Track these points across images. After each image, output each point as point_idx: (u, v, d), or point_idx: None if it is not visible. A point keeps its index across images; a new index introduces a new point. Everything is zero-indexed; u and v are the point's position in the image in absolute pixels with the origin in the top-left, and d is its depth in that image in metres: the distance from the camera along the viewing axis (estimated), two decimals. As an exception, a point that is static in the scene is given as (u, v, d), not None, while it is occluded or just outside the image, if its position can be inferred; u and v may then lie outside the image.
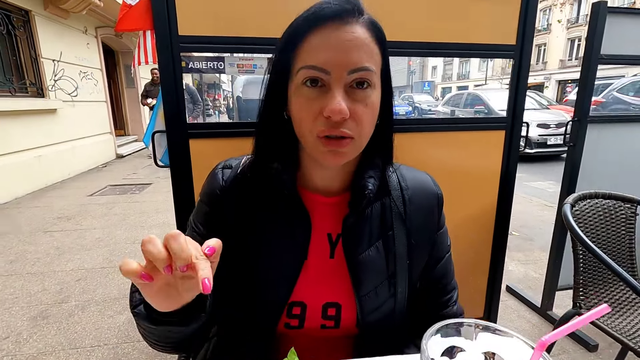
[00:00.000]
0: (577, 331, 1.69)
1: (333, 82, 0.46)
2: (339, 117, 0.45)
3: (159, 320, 0.44)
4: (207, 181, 0.61)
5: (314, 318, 0.56)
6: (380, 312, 0.56)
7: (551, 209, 3.71)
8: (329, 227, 0.58)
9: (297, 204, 0.56)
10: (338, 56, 0.45)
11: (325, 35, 0.46)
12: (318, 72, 0.46)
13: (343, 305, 0.56)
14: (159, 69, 1.04)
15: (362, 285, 0.55)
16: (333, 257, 0.57)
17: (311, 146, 0.50)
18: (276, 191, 0.55)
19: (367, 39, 0.47)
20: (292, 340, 0.58)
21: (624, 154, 1.74)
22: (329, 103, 0.45)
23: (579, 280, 1.23)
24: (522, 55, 1.27)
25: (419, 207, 0.60)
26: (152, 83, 6.04)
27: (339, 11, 0.46)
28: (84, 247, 2.79)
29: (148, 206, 3.85)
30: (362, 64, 0.46)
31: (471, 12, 1.21)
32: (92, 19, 6.12)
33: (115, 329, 1.79)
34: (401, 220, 0.58)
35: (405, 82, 40.02)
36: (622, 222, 1.30)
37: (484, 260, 1.49)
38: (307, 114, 0.48)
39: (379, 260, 0.57)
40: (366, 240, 0.56)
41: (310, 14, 0.47)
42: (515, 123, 1.33)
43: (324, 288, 0.57)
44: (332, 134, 0.47)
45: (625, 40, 1.53)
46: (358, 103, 0.47)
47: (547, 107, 8.07)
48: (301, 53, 0.47)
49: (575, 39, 22.44)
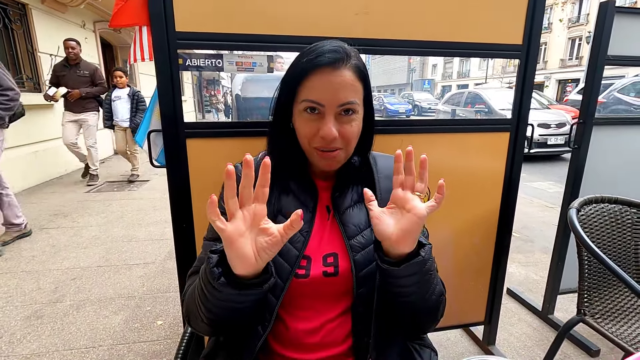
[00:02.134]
0: (579, 336, 1.67)
1: (327, 112, 0.64)
2: (331, 138, 0.63)
3: (241, 284, 0.54)
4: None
5: (317, 267, 0.69)
6: (368, 253, 0.69)
7: (552, 210, 3.69)
8: (327, 201, 0.75)
9: (308, 182, 0.74)
10: (330, 94, 0.63)
11: (321, 78, 0.63)
12: (316, 104, 0.63)
13: (339, 253, 0.70)
14: (155, 67, 1.00)
15: (349, 231, 0.70)
16: (329, 220, 0.74)
17: (309, 154, 0.69)
18: (291, 172, 0.73)
19: (352, 79, 0.64)
20: (298, 299, 0.69)
21: (629, 157, 1.71)
22: (323, 128, 0.63)
23: (583, 286, 1.20)
24: (528, 56, 1.24)
25: (386, 175, 0.76)
26: (65, 64, 4.26)
27: (332, 61, 0.62)
28: (80, 245, 2.76)
29: (146, 203, 3.82)
30: (348, 99, 0.64)
31: (476, 11, 1.17)
32: (90, 13, 6.05)
33: (110, 330, 1.77)
34: (372, 189, 0.71)
35: (405, 80, 39.96)
36: (628, 227, 1.27)
37: (485, 263, 1.46)
38: (307, 132, 0.66)
39: (361, 214, 0.73)
40: (349, 201, 0.74)
41: (312, 58, 0.63)
42: (520, 125, 1.31)
43: (323, 244, 0.71)
44: (325, 149, 0.65)
45: (633, 40, 1.50)
46: (345, 125, 0.65)
47: (547, 107, 8.03)
48: (304, 88, 0.64)
49: (576, 38, 22.40)
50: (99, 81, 4.49)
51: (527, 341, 1.72)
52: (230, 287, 0.54)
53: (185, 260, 1.14)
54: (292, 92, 0.66)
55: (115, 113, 4.66)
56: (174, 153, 1.06)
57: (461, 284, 1.46)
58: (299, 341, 0.69)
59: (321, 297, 0.70)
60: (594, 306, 1.21)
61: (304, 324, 0.69)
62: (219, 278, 0.54)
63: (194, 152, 1.07)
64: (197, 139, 1.07)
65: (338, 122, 0.64)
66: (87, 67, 4.39)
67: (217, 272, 0.54)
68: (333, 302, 0.70)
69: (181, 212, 1.10)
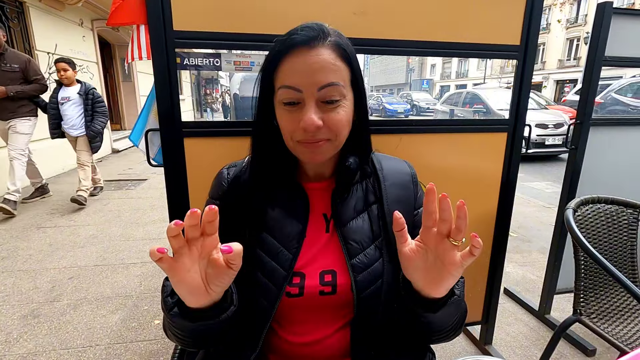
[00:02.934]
0: (575, 335, 1.68)
1: (306, 98, 0.56)
2: (312, 128, 0.55)
3: (193, 317, 0.51)
4: (215, 179, 0.71)
5: (312, 285, 0.63)
6: (370, 274, 0.63)
7: (549, 210, 3.70)
8: (324, 208, 0.68)
9: (297, 189, 0.66)
10: (307, 77, 0.55)
11: (296, 59, 0.56)
12: (293, 90, 0.56)
13: (338, 271, 0.64)
14: (153, 66, 1.00)
15: (351, 250, 0.64)
16: (328, 232, 0.66)
17: (293, 149, 0.61)
18: (278, 180, 0.66)
19: (332, 58, 0.56)
20: (295, 313, 0.65)
21: (626, 158, 1.72)
22: (303, 118, 0.55)
23: (579, 286, 1.21)
24: (526, 56, 1.24)
25: (393, 183, 0.69)
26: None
27: (306, 38, 0.56)
28: (77, 244, 2.75)
29: (143, 202, 3.81)
30: (328, 80, 0.55)
31: (474, 11, 1.17)
32: (88, 11, 6.03)
33: (107, 329, 1.76)
34: (379, 198, 0.68)
35: (404, 80, 40.01)
36: (624, 227, 1.28)
37: (483, 264, 1.47)
38: (288, 125, 0.59)
39: (364, 227, 0.66)
40: (352, 211, 0.66)
41: (284, 40, 0.57)
42: (518, 125, 1.31)
43: (321, 259, 0.65)
44: (310, 141, 0.58)
45: (630, 41, 1.50)
46: (330, 112, 0.57)
47: (545, 107, 8.06)
48: (279, 74, 0.58)
49: (574, 39, 22.47)
50: (35, 77, 3.39)
51: (524, 341, 1.73)
52: (183, 319, 0.51)
53: (183, 259, 1.14)
54: (269, 82, 0.59)
55: (64, 119, 3.63)
56: (172, 152, 1.06)
57: (458, 283, 1.46)
58: (295, 354, 0.66)
59: (318, 312, 0.65)
60: (590, 306, 1.22)
61: (300, 338, 0.66)
62: (172, 308, 0.51)
63: (192, 151, 1.07)
64: (194, 138, 1.07)
65: (321, 110, 0.56)
66: (16, 58, 3.29)
67: (170, 302, 0.51)
68: (331, 316, 0.66)
69: (178, 212, 1.10)
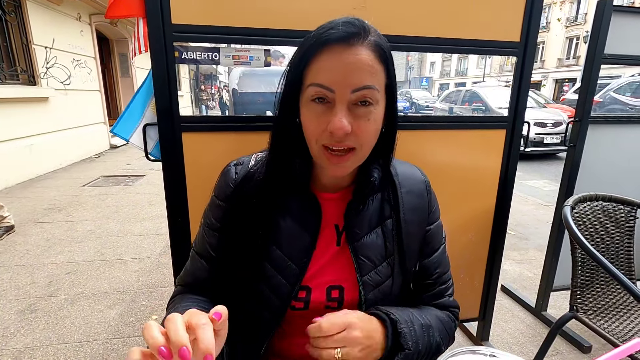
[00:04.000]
0: (571, 332, 1.69)
1: (337, 100, 0.51)
2: (341, 133, 0.50)
3: None
4: (221, 177, 0.66)
5: (319, 300, 0.61)
6: (380, 292, 0.61)
7: (547, 208, 3.71)
8: (336, 219, 0.64)
9: (310, 199, 0.62)
10: (342, 76, 0.50)
11: (332, 57, 0.51)
12: (324, 89, 0.51)
13: (346, 287, 0.61)
14: (151, 59, 0.99)
15: (363, 267, 0.61)
16: (339, 245, 0.63)
17: (316, 154, 0.56)
18: (290, 187, 0.61)
19: (370, 60, 0.51)
20: (298, 321, 0.61)
21: (624, 156, 1.72)
22: (333, 120, 0.51)
23: (576, 282, 1.21)
24: (525, 53, 1.24)
25: (409, 190, 0.66)
26: None
27: (345, 35, 0.50)
28: (74, 239, 2.75)
29: (141, 198, 3.80)
30: (364, 83, 0.51)
31: (475, 7, 1.17)
32: (86, 6, 5.98)
33: (105, 324, 1.76)
34: (395, 205, 0.65)
35: (403, 78, 39.92)
36: (622, 224, 1.29)
37: (480, 260, 1.47)
38: (314, 126, 0.53)
39: (378, 244, 0.62)
40: (366, 226, 0.62)
41: (320, 34, 0.52)
42: (516, 122, 1.31)
43: (329, 273, 0.62)
44: (335, 147, 0.53)
45: (630, 39, 1.50)
46: (360, 119, 0.52)
47: (544, 106, 8.06)
48: (311, 70, 0.52)
49: (573, 37, 22.45)
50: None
51: (520, 337, 1.74)
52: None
53: (181, 255, 1.14)
54: (298, 78, 0.54)
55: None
56: (170, 147, 1.05)
57: (456, 280, 1.45)
58: (299, 355, 0.65)
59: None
60: (587, 303, 1.23)
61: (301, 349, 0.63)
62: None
63: (190, 146, 1.07)
64: (193, 132, 1.07)
65: (352, 114, 0.52)
66: None
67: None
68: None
69: (176, 207, 1.10)
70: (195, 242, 0.68)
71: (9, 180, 4.13)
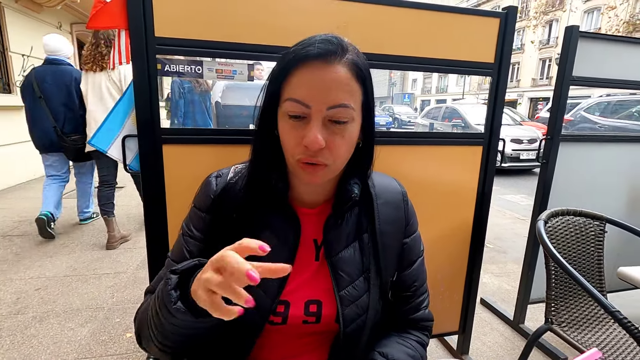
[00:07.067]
0: (547, 344, 1.73)
1: (313, 115, 0.52)
2: (315, 147, 0.52)
3: (199, 311, 0.46)
4: (201, 189, 0.67)
5: (297, 315, 0.61)
6: (357, 307, 0.62)
7: (524, 222, 3.82)
8: (315, 234, 0.64)
9: (289, 214, 0.62)
10: (319, 93, 0.52)
11: (309, 73, 0.52)
12: (301, 105, 0.52)
13: (324, 302, 0.62)
14: (133, 71, 0.99)
15: (341, 282, 0.62)
16: (318, 260, 0.64)
17: (292, 167, 0.58)
18: (269, 201, 0.61)
19: (347, 78, 0.53)
20: (275, 335, 0.63)
21: (593, 172, 1.81)
22: (307, 134, 0.52)
23: (550, 295, 1.25)
24: (500, 74, 1.30)
25: (385, 201, 0.67)
26: None
27: (323, 52, 0.52)
28: (46, 253, 2.63)
29: (119, 210, 3.68)
30: (340, 101, 0.52)
31: (453, 30, 1.22)
32: (68, 15, 5.89)
33: (75, 343, 1.68)
34: (371, 217, 0.66)
35: (386, 94, 40.84)
36: (592, 238, 1.34)
37: (460, 274, 1.49)
38: (290, 140, 0.55)
39: (356, 258, 0.63)
40: (344, 240, 0.63)
41: (299, 50, 0.53)
42: (492, 139, 1.36)
43: (307, 287, 0.63)
44: (309, 161, 0.54)
45: (595, 63, 1.60)
46: (335, 135, 0.54)
47: (520, 123, 8.39)
48: (289, 85, 0.54)
49: (546, 59, 23.63)
50: None
51: (499, 350, 1.76)
52: (187, 314, 0.48)
53: (159, 269, 1.10)
54: (276, 92, 0.56)
55: None
56: (150, 159, 1.04)
57: (437, 294, 1.48)
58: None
59: (298, 336, 0.65)
60: (561, 315, 1.26)
61: (278, 353, 0.65)
62: (175, 302, 0.48)
63: (171, 158, 1.06)
64: (174, 145, 1.05)
65: (327, 130, 0.53)
66: None
67: (174, 296, 0.48)
68: (311, 339, 0.65)
69: (155, 220, 1.08)
70: (172, 252, 0.67)
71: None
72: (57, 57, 2.70)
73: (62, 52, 2.73)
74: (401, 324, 0.72)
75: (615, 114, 6.80)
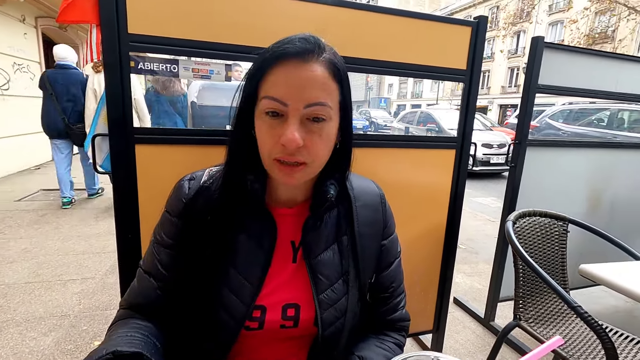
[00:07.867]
0: (516, 340, 1.80)
1: (290, 113, 0.52)
2: (293, 146, 0.51)
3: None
4: (173, 192, 0.65)
5: (274, 319, 0.60)
6: (336, 310, 0.62)
7: (494, 223, 3.97)
8: (292, 235, 0.63)
9: (265, 216, 0.61)
10: (296, 91, 0.51)
11: (286, 71, 0.52)
12: (278, 103, 0.52)
13: (302, 305, 0.61)
14: (104, 68, 0.95)
15: (320, 285, 0.61)
16: (295, 262, 0.63)
17: (268, 167, 0.56)
18: (245, 203, 0.59)
19: (324, 77, 0.53)
20: (251, 341, 0.62)
21: (557, 176, 1.91)
22: (285, 133, 0.51)
23: (519, 293, 1.30)
24: (472, 80, 1.35)
25: (364, 204, 0.67)
26: None
27: (300, 50, 0.52)
28: (6, 258, 2.48)
29: (87, 213, 3.53)
30: (317, 99, 0.52)
31: (427, 37, 1.26)
32: (32, 8, 5.60)
33: (38, 353, 1.59)
34: (349, 219, 0.66)
35: (363, 98, 41.35)
36: (556, 238, 1.41)
37: (434, 274, 1.53)
38: (266, 139, 0.54)
39: (335, 261, 0.63)
40: (323, 242, 0.63)
41: (276, 48, 0.53)
42: (465, 143, 1.41)
43: (284, 291, 0.61)
44: (286, 160, 0.53)
45: (559, 73, 1.69)
46: (313, 134, 0.53)
47: (490, 129, 8.74)
48: (266, 83, 0.53)
49: (514, 68, 24.73)
50: None
51: (471, 347, 1.81)
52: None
53: (130, 274, 1.06)
54: (253, 90, 0.55)
55: None
56: (121, 159, 1.00)
57: (412, 294, 1.51)
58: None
59: (275, 341, 0.64)
60: (528, 312, 1.32)
61: (255, 359, 0.64)
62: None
63: (143, 159, 1.02)
64: (147, 145, 1.02)
65: (304, 128, 0.53)
66: None
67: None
68: (289, 344, 0.65)
69: (127, 222, 1.04)
70: (144, 261, 0.65)
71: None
72: (65, 63, 3.51)
73: (69, 59, 3.55)
74: (379, 326, 0.73)
75: (577, 121, 7.21)
